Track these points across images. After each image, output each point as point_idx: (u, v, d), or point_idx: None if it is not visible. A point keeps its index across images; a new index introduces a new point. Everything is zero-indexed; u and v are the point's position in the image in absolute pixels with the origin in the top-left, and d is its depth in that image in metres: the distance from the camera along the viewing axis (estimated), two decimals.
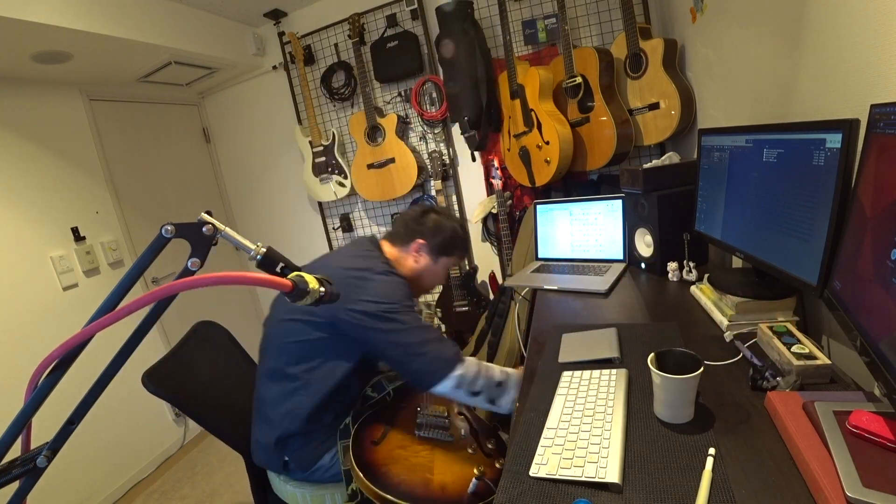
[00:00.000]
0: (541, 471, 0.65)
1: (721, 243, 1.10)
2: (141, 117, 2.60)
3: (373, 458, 1.02)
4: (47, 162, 2.08)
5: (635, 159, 2.12)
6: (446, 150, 2.44)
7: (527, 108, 1.98)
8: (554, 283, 1.44)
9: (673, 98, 1.69)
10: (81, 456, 2.03)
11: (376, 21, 2.38)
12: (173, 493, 2.14)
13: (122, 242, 2.36)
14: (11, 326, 1.87)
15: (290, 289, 0.67)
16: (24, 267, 1.94)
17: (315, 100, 2.62)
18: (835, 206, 0.70)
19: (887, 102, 0.58)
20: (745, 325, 0.93)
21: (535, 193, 2.28)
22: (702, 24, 1.48)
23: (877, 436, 0.54)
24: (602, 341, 0.99)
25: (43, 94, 2.09)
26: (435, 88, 2.34)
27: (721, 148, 1.08)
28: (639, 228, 1.42)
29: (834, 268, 0.70)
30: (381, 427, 1.12)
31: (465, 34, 2.07)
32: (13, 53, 1.73)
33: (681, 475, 0.60)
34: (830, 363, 0.72)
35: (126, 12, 1.85)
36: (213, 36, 2.33)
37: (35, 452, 0.68)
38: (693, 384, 0.67)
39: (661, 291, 1.24)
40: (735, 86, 1.29)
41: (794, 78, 0.94)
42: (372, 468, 0.99)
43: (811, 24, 0.85)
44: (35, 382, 0.66)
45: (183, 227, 0.68)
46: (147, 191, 2.58)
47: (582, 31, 2.08)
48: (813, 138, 0.75)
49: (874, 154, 0.61)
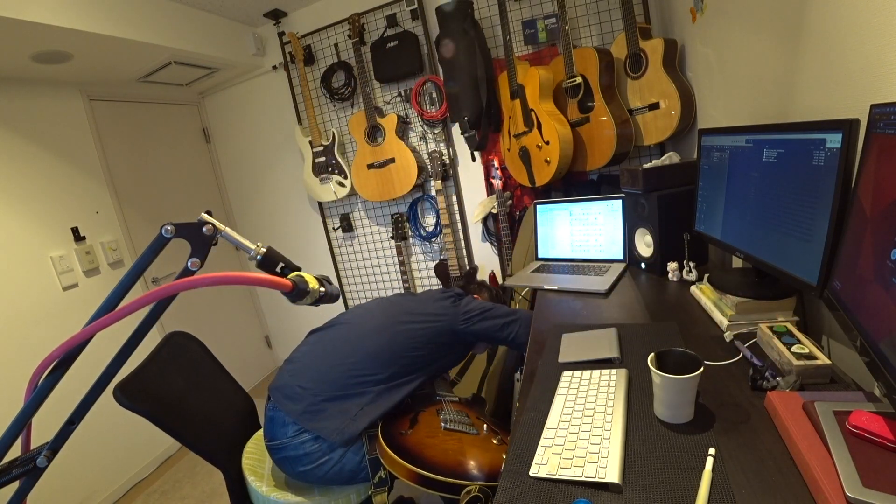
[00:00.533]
0: (541, 471, 0.65)
1: (721, 243, 1.10)
2: (141, 117, 2.60)
3: (405, 444, 1.08)
4: (47, 162, 2.08)
5: (635, 159, 2.12)
6: (446, 150, 2.44)
7: (527, 108, 1.98)
8: (554, 283, 1.44)
9: (673, 98, 1.69)
10: (81, 456, 2.03)
11: (376, 21, 2.38)
12: (173, 493, 2.14)
13: (122, 242, 2.36)
14: (11, 326, 1.87)
15: (289, 289, 0.68)
16: (24, 267, 1.94)
17: (315, 100, 2.62)
18: (835, 207, 0.70)
19: (887, 102, 0.58)
20: (745, 325, 0.93)
21: (535, 193, 2.29)
22: (702, 24, 1.48)
23: (877, 436, 0.54)
24: (602, 341, 0.99)
25: (43, 94, 2.09)
26: (435, 88, 2.34)
27: (721, 148, 1.08)
28: (639, 228, 1.42)
29: (834, 268, 0.70)
30: (406, 421, 1.18)
31: (465, 34, 2.08)
32: (13, 53, 1.73)
33: (681, 475, 0.60)
34: (830, 363, 0.72)
35: (126, 12, 1.85)
36: (213, 36, 2.33)
37: (35, 452, 0.68)
38: (693, 384, 0.67)
39: (661, 291, 1.24)
40: (735, 86, 1.29)
41: (794, 78, 0.94)
42: (406, 452, 1.05)
43: (811, 23, 0.85)
44: (35, 382, 0.67)
45: (183, 227, 0.68)
46: (147, 191, 2.58)
47: (582, 31, 2.08)
48: (813, 138, 0.75)
49: (874, 154, 0.61)
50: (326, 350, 1.26)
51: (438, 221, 2.55)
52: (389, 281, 2.82)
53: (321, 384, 1.18)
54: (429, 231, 2.63)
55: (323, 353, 1.25)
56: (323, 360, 1.23)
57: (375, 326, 1.28)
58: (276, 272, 0.73)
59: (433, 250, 2.67)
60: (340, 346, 1.25)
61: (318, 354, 1.26)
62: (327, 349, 1.26)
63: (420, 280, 2.75)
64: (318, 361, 1.24)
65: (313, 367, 1.22)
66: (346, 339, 1.27)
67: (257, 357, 3.23)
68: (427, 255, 2.69)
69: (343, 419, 1.14)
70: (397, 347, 1.24)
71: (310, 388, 1.18)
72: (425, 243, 2.67)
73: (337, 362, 1.21)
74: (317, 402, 1.16)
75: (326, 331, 1.35)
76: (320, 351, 1.27)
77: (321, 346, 1.28)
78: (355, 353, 1.22)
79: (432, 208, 2.59)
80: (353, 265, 2.89)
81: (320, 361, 1.23)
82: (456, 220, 2.55)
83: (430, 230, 2.63)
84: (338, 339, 1.28)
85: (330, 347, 1.26)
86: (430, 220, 2.63)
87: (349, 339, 1.27)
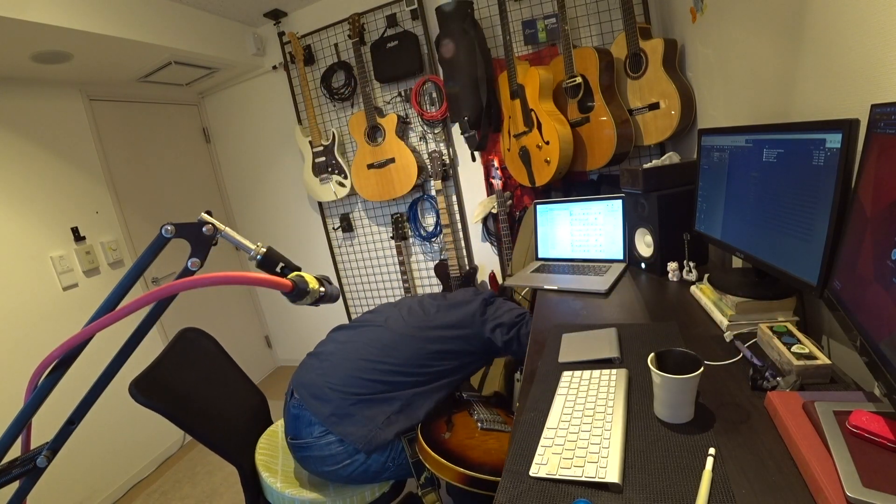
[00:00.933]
0: (541, 471, 0.65)
1: (721, 243, 1.10)
2: (141, 117, 2.60)
3: (448, 447, 1.10)
4: (47, 162, 2.08)
5: (635, 159, 2.13)
6: (446, 150, 2.44)
7: (527, 108, 1.98)
8: (554, 283, 1.44)
9: (673, 98, 1.69)
10: (81, 456, 2.03)
11: (376, 21, 2.38)
12: (173, 493, 2.14)
13: (122, 242, 2.36)
14: (11, 326, 1.87)
15: (289, 289, 0.68)
16: (24, 267, 1.94)
17: (315, 100, 2.62)
18: (835, 206, 0.70)
19: (887, 102, 0.58)
20: (745, 325, 0.93)
21: (535, 193, 2.29)
22: (702, 24, 1.48)
23: (877, 436, 0.54)
24: (602, 341, 0.99)
25: (43, 94, 2.09)
26: (435, 88, 2.34)
27: (721, 148, 1.08)
28: (639, 228, 1.42)
29: (834, 268, 0.70)
30: (443, 424, 1.19)
31: (465, 34, 2.08)
32: (13, 53, 1.73)
33: (681, 475, 0.60)
34: (830, 363, 0.72)
35: (126, 12, 1.85)
36: (213, 36, 2.33)
37: (35, 452, 0.68)
38: (693, 384, 0.67)
39: (661, 291, 1.24)
40: (735, 86, 1.29)
41: (794, 78, 0.94)
42: (451, 455, 1.07)
43: (811, 23, 0.85)
44: (35, 382, 0.67)
45: (183, 227, 0.68)
46: (147, 191, 2.58)
47: (582, 31, 2.08)
48: (813, 138, 0.75)
49: (874, 154, 0.61)
50: (358, 351, 1.24)
51: (438, 221, 2.55)
52: (389, 281, 2.82)
53: (350, 386, 1.17)
54: (429, 231, 2.63)
55: (354, 354, 1.24)
56: (353, 362, 1.22)
57: (407, 332, 1.27)
58: (276, 272, 0.73)
59: (433, 250, 2.67)
60: (371, 349, 1.24)
61: (348, 355, 1.24)
62: (359, 350, 1.25)
63: (420, 280, 2.75)
64: (348, 362, 1.22)
65: (343, 367, 1.21)
66: (378, 341, 1.26)
67: (257, 357, 3.23)
68: (427, 255, 2.69)
69: (370, 426, 1.13)
70: (425, 357, 1.23)
71: (339, 390, 1.17)
72: (425, 243, 2.67)
73: (368, 365, 1.20)
74: (345, 406, 1.15)
75: (357, 330, 1.33)
76: (351, 351, 1.25)
77: (352, 346, 1.27)
78: (386, 357, 1.21)
79: (432, 208, 2.59)
80: (353, 265, 2.89)
81: (350, 363, 1.22)
82: (456, 220, 2.55)
83: (430, 230, 2.63)
84: (369, 342, 1.26)
85: (362, 348, 1.25)
86: (430, 220, 2.63)
87: (381, 341, 1.26)
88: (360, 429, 1.13)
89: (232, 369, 1.41)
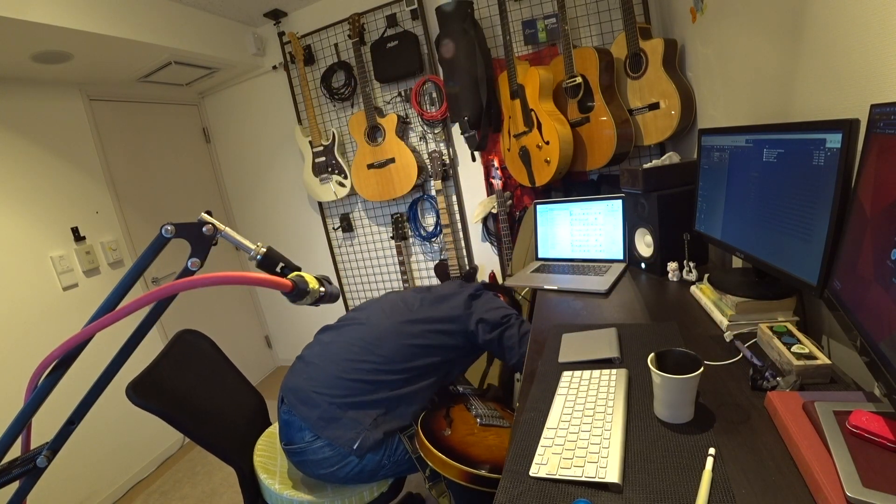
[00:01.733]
0: (541, 471, 0.65)
1: (721, 243, 1.10)
2: (141, 117, 2.60)
3: (450, 444, 1.10)
4: (47, 162, 2.08)
5: (635, 159, 2.12)
6: (446, 150, 2.44)
7: (527, 108, 1.98)
8: (554, 283, 1.44)
9: (673, 98, 1.69)
10: (81, 456, 2.03)
11: (376, 21, 2.38)
12: (173, 493, 2.14)
13: (122, 242, 2.36)
14: (11, 326, 1.87)
15: (289, 289, 0.68)
16: (24, 267, 1.94)
17: (315, 100, 2.62)
18: (835, 206, 0.70)
19: (887, 102, 0.58)
20: (745, 325, 0.93)
21: (535, 193, 2.29)
22: (702, 24, 1.48)
23: (877, 436, 0.54)
24: (602, 341, 0.99)
25: (43, 94, 2.09)
26: (435, 88, 2.34)
27: (721, 148, 1.08)
28: (639, 228, 1.42)
29: (834, 268, 0.70)
30: (441, 419, 1.19)
31: (465, 34, 2.08)
32: (13, 53, 1.73)
33: (681, 475, 0.60)
34: (830, 363, 0.72)
35: (126, 12, 1.85)
36: (213, 36, 2.33)
37: (35, 452, 0.68)
38: (693, 384, 0.67)
39: (661, 291, 1.24)
40: (735, 86, 1.29)
41: (794, 78, 0.94)
42: (452, 452, 1.07)
43: (811, 23, 0.85)
44: (35, 382, 0.67)
45: (183, 227, 0.68)
46: (147, 191, 2.58)
47: (582, 31, 2.08)
48: (813, 138, 0.75)
49: (874, 154, 0.61)
50: (341, 351, 1.24)
51: (438, 221, 2.55)
52: (389, 281, 2.82)
53: (335, 388, 1.17)
54: (429, 231, 2.63)
55: (337, 355, 1.23)
56: (336, 364, 1.21)
57: (389, 328, 1.26)
58: (276, 272, 0.73)
59: (433, 250, 2.67)
60: (354, 348, 1.23)
61: (332, 356, 1.23)
62: (341, 350, 1.24)
63: (420, 280, 2.75)
64: (332, 364, 1.21)
65: (327, 370, 1.20)
66: (361, 340, 1.25)
67: (257, 357, 3.23)
68: (427, 255, 2.69)
69: (358, 429, 1.13)
70: (409, 353, 1.22)
71: (324, 393, 1.16)
72: (425, 243, 2.67)
73: (351, 365, 1.20)
74: (331, 409, 1.14)
75: (339, 330, 1.32)
76: (334, 352, 1.24)
77: (335, 346, 1.26)
78: (368, 355, 1.21)
79: (432, 208, 2.59)
80: (353, 265, 2.89)
81: (334, 364, 1.21)
82: (456, 220, 2.55)
83: (430, 230, 2.63)
84: (352, 341, 1.25)
85: (344, 349, 1.24)
86: (430, 220, 2.63)
87: (364, 340, 1.24)
88: (347, 432, 1.12)
89: (229, 371, 1.40)
